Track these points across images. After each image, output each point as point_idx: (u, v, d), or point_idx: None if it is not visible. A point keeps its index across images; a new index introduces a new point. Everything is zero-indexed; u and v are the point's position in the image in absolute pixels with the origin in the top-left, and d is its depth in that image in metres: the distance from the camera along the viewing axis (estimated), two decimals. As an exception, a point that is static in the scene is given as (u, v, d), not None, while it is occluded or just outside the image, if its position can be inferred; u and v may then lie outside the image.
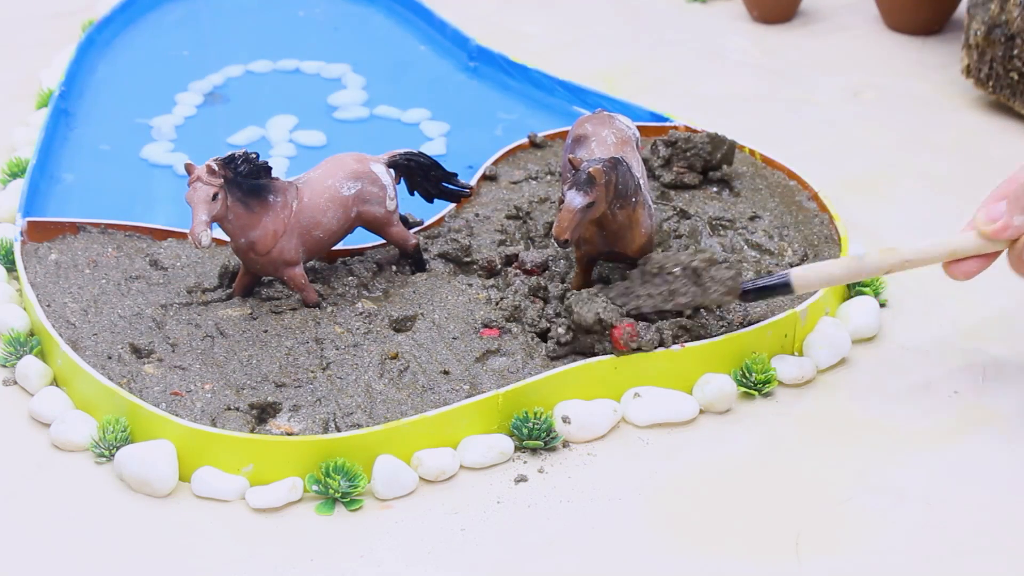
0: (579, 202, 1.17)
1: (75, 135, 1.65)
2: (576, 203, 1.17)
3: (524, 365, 1.25)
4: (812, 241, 1.40)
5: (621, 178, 1.19)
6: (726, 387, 1.24)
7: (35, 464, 1.19)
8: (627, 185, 1.20)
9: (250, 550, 1.10)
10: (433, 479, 1.17)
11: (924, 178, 1.59)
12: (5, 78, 1.82)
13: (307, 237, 1.29)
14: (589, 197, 1.17)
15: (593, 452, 1.20)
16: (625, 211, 1.21)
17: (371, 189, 1.31)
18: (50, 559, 1.10)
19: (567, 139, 1.34)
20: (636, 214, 1.22)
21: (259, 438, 1.15)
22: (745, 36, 1.93)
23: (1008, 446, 1.19)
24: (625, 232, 1.22)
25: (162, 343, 1.26)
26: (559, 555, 1.10)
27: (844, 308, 1.34)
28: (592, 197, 1.17)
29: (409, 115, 1.70)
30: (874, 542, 1.10)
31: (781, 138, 1.64)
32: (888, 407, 1.24)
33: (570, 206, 1.17)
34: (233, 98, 1.74)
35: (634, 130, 1.34)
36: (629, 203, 1.21)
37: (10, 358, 1.28)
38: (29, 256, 1.37)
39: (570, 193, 1.17)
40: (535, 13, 2.01)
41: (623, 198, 1.20)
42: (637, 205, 1.22)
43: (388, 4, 1.96)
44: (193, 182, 1.23)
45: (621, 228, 1.22)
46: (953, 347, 1.31)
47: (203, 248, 1.25)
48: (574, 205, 1.17)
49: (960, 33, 1.87)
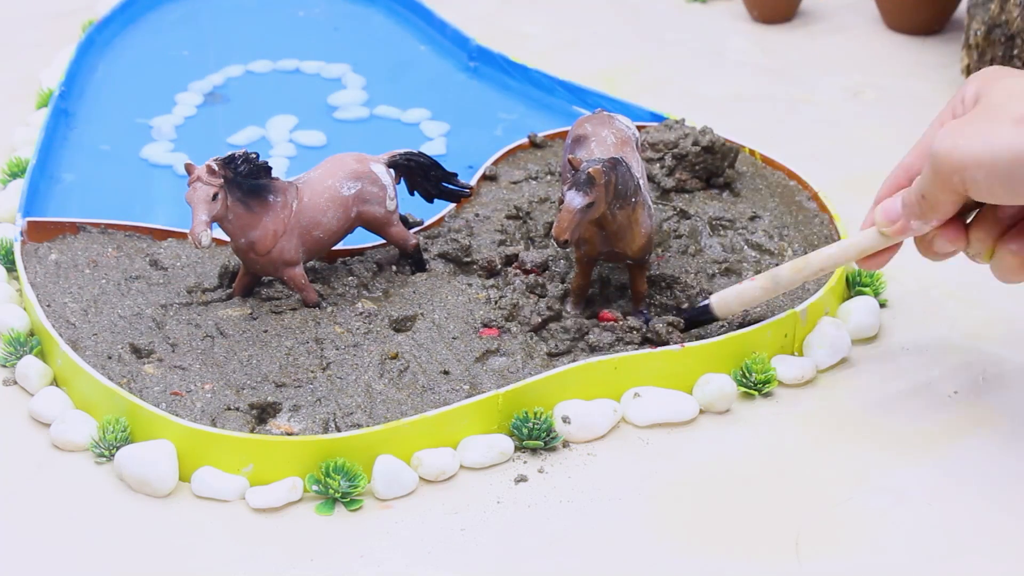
0: (579, 202, 1.17)
1: (75, 135, 1.65)
2: (576, 203, 1.17)
3: (524, 365, 1.25)
4: (812, 241, 1.40)
5: (620, 178, 1.19)
6: (726, 387, 1.24)
7: (35, 464, 1.19)
8: (627, 185, 1.20)
9: (250, 550, 1.10)
10: (433, 479, 1.16)
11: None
12: (5, 78, 1.81)
13: (307, 237, 1.29)
14: (589, 197, 1.17)
15: (593, 452, 1.20)
16: (625, 211, 1.21)
17: (371, 189, 1.31)
18: (50, 559, 1.10)
19: (567, 139, 1.34)
20: (636, 214, 1.22)
21: (259, 438, 1.15)
22: (745, 36, 1.93)
23: (1008, 446, 1.19)
24: (625, 232, 1.22)
25: (162, 343, 1.26)
26: (559, 555, 1.10)
27: (844, 308, 1.34)
28: (592, 197, 1.17)
29: (409, 115, 1.70)
30: (874, 542, 1.10)
31: (781, 138, 1.64)
32: (888, 407, 1.24)
33: (570, 206, 1.17)
34: (233, 98, 1.74)
35: (634, 130, 1.34)
36: (629, 203, 1.21)
37: (10, 358, 1.28)
38: (29, 256, 1.37)
39: (570, 193, 1.17)
40: (535, 13, 2.01)
41: (623, 198, 1.20)
42: (637, 205, 1.22)
43: (388, 4, 1.96)
44: (193, 182, 1.23)
45: (621, 228, 1.22)
46: (953, 347, 1.31)
47: (203, 248, 1.25)
48: (574, 205, 1.17)
49: (960, 33, 1.87)
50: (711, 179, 1.47)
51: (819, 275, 1.23)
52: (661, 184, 1.46)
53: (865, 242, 1.19)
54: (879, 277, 1.37)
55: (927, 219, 1.13)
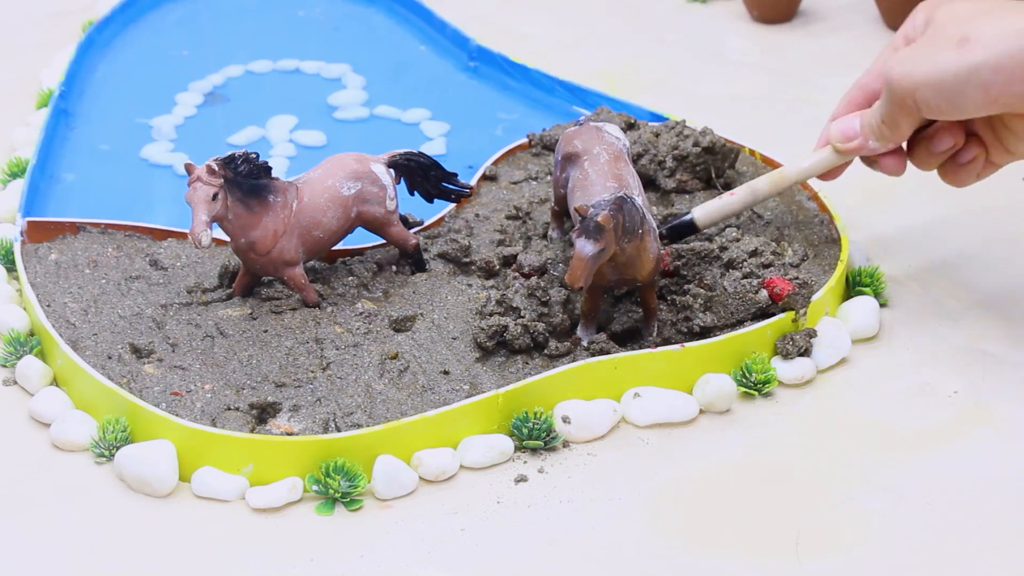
0: (590, 250, 1.16)
1: (75, 135, 1.65)
2: (587, 251, 1.16)
3: (524, 365, 1.25)
4: (812, 241, 1.40)
5: (627, 217, 1.19)
6: (726, 387, 1.24)
7: (35, 464, 1.19)
8: (633, 221, 1.19)
9: (250, 550, 1.10)
10: (433, 479, 1.17)
11: (924, 178, 1.58)
12: (5, 78, 1.82)
13: (307, 237, 1.29)
14: (599, 244, 1.16)
15: (593, 452, 1.20)
16: (633, 243, 1.21)
17: (371, 189, 1.31)
18: (50, 559, 1.10)
19: (556, 154, 1.34)
20: (644, 243, 1.22)
21: (259, 438, 1.15)
22: (745, 36, 1.93)
23: (1008, 446, 1.19)
24: (635, 261, 1.22)
25: (162, 343, 1.26)
26: (559, 555, 1.09)
27: (844, 308, 1.34)
28: (602, 244, 1.17)
29: (409, 115, 1.70)
30: (874, 542, 1.10)
31: (781, 138, 1.64)
32: (888, 407, 1.24)
33: (581, 255, 1.16)
34: (233, 98, 1.74)
35: (624, 140, 1.33)
36: (636, 236, 1.20)
37: (10, 358, 1.28)
38: (29, 256, 1.37)
39: (579, 241, 1.16)
40: (535, 13, 2.01)
41: (631, 233, 1.20)
42: (644, 235, 1.21)
43: (388, 4, 1.96)
44: (193, 182, 1.23)
45: (630, 259, 1.21)
46: (953, 347, 1.31)
47: (203, 248, 1.25)
48: (585, 253, 1.16)
49: (960, 33, 1.87)
50: (711, 180, 1.47)
51: (789, 186, 1.35)
52: (662, 186, 1.46)
53: (828, 159, 1.32)
54: (879, 277, 1.37)
55: (885, 142, 1.26)
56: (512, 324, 1.25)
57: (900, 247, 1.45)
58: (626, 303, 1.31)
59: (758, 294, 1.27)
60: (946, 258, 1.44)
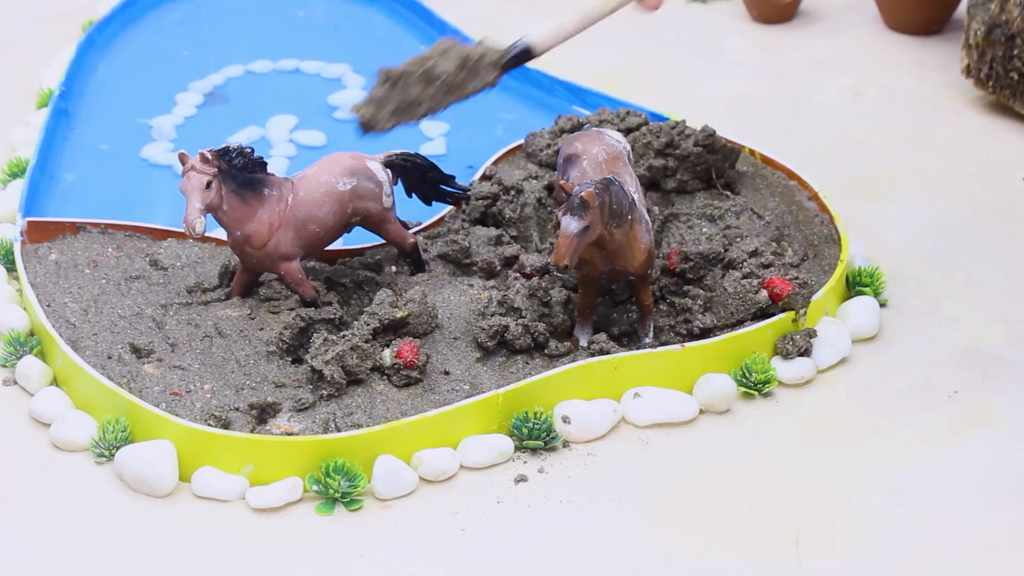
0: (575, 227, 1.17)
1: (75, 135, 1.65)
2: (572, 228, 1.17)
3: (524, 365, 1.25)
4: (812, 241, 1.40)
5: (614, 198, 1.19)
6: (726, 387, 1.24)
7: (35, 464, 1.19)
8: (621, 204, 1.20)
9: (250, 550, 1.10)
10: (433, 479, 1.17)
11: (924, 178, 1.59)
12: (5, 78, 1.82)
13: (303, 231, 1.29)
14: (584, 221, 1.17)
15: (593, 452, 1.20)
16: (622, 229, 1.21)
17: (367, 185, 1.31)
18: (50, 559, 1.10)
19: (558, 158, 1.34)
20: (634, 231, 1.22)
21: (259, 438, 1.15)
22: (745, 36, 1.93)
23: (1008, 446, 1.19)
24: (624, 250, 1.22)
25: (162, 343, 1.26)
26: (559, 555, 1.10)
27: (844, 308, 1.34)
28: (587, 221, 1.17)
29: (409, 115, 1.70)
30: (874, 542, 1.10)
31: (781, 138, 1.64)
32: (888, 407, 1.24)
33: (566, 232, 1.17)
34: (233, 98, 1.74)
35: (625, 144, 1.34)
36: (625, 221, 1.21)
37: (10, 358, 1.28)
38: (29, 256, 1.37)
39: (565, 219, 1.17)
40: (535, 13, 2.01)
41: (619, 217, 1.20)
42: (634, 222, 1.22)
43: (388, 4, 1.96)
44: (187, 171, 1.23)
45: (620, 247, 1.22)
46: (953, 347, 1.31)
47: (197, 235, 1.24)
48: (570, 231, 1.17)
49: (960, 33, 1.87)
50: (711, 180, 1.47)
51: (623, 6, 1.33)
52: (662, 185, 1.46)
53: None
54: (879, 277, 1.37)
55: None
56: (513, 324, 1.25)
57: (900, 247, 1.45)
58: (626, 305, 1.31)
59: (758, 294, 1.27)
60: (946, 258, 1.44)
